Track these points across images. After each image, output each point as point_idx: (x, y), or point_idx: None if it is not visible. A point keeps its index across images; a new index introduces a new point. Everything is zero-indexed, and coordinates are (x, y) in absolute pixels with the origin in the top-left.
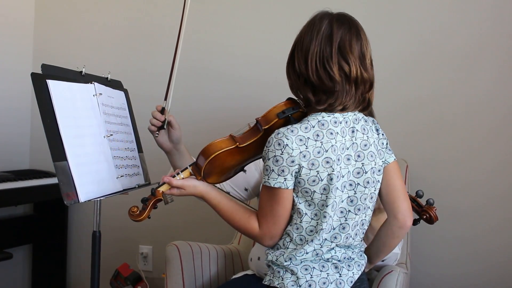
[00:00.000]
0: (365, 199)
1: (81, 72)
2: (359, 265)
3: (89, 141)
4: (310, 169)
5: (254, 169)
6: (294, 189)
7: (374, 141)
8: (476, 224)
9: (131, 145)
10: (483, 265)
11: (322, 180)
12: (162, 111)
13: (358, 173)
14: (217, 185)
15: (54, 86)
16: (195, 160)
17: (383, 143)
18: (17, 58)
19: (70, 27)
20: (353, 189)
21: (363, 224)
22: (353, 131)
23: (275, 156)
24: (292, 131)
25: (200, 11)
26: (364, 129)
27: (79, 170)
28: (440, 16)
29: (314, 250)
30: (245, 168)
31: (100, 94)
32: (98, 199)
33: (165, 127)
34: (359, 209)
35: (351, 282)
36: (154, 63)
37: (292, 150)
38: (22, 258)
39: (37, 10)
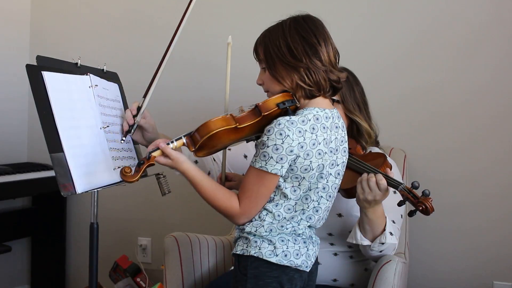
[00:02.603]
0: (335, 188)
1: (77, 63)
2: (317, 243)
3: (85, 132)
4: (304, 159)
5: (240, 153)
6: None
7: (346, 138)
8: (474, 216)
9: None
10: (480, 257)
11: (313, 169)
12: (138, 110)
13: (332, 164)
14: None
15: (50, 78)
16: (191, 131)
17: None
18: (14, 50)
19: (67, 19)
20: (326, 178)
21: (328, 210)
22: (336, 127)
23: (275, 144)
24: (292, 123)
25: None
26: (342, 126)
27: (75, 162)
28: (439, 7)
29: (293, 226)
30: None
31: (95, 85)
32: (95, 190)
33: (132, 131)
34: (330, 196)
35: (315, 256)
36: (150, 55)
37: (292, 141)
38: (21, 251)
39: (33, 1)
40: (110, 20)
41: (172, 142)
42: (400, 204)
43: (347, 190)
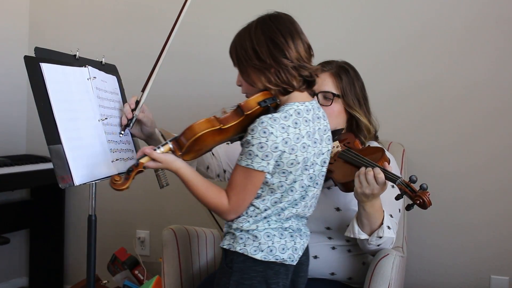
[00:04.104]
0: (322, 175)
1: (75, 55)
2: (306, 235)
3: (84, 124)
4: (290, 154)
5: (238, 148)
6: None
7: (329, 127)
8: (472, 210)
9: (123, 132)
10: (478, 251)
11: (299, 163)
12: (137, 104)
13: (318, 154)
14: (216, 162)
15: (48, 70)
16: (176, 136)
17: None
18: (13, 42)
19: (66, 11)
20: (312, 168)
21: (316, 198)
22: (318, 117)
23: (260, 142)
24: (274, 120)
25: None
26: (324, 115)
27: (73, 154)
28: (438, 1)
29: (279, 219)
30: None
31: (94, 77)
32: (93, 182)
33: (131, 125)
34: (317, 183)
35: (303, 249)
36: (149, 48)
37: (276, 137)
38: (19, 243)
39: None
40: (109, 13)
41: (158, 148)
42: (397, 198)
43: (345, 184)
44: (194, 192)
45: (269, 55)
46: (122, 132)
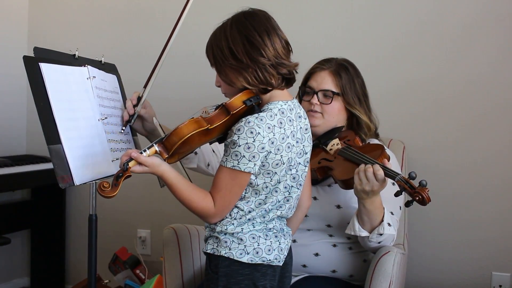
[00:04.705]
0: (304, 176)
1: (74, 55)
2: (289, 234)
3: (83, 124)
4: (275, 154)
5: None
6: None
7: (309, 125)
8: (473, 207)
9: (125, 128)
10: (479, 248)
11: (284, 163)
12: (138, 100)
13: (300, 153)
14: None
15: (47, 69)
16: (162, 138)
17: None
18: (12, 42)
19: (65, 10)
20: (295, 168)
21: (298, 198)
22: (299, 117)
23: (247, 143)
24: (261, 119)
25: None
26: (304, 114)
27: (73, 153)
28: (436, 2)
29: (263, 220)
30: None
31: (93, 77)
32: (94, 182)
33: (132, 121)
34: (300, 184)
35: (287, 249)
36: (148, 47)
37: (263, 137)
38: (20, 243)
39: None
40: (108, 12)
41: (144, 150)
42: (397, 194)
43: (345, 181)
44: (178, 196)
45: (245, 54)
46: (124, 128)
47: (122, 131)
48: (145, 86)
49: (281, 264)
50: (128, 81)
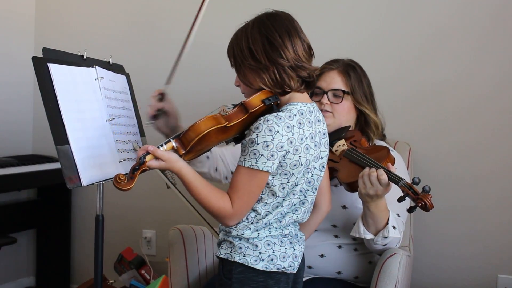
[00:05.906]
0: (320, 181)
1: (83, 56)
2: (303, 240)
3: (91, 125)
4: (294, 154)
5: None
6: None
7: (327, 131)
8: (478, 210)
9: (133, 129)
10: (484, 250)
11: (301, 165)
12: (162, 97)
13: (317, 158)
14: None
15: (56, 70)
16: (179, 134)
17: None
18: (19, 44)
19: (72, 12)
20: (311, 172)
21: (312, 203)
22: (318, 120)
23: (265, 141)
24: (280, 118)
25: None
26: (323, 119)
27: (81, 154)
28: (451, 6)
29: (280, 226)
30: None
31: (101, 78)
32: (101, 182)
33: (159, 118)
34: (315, 188)
35: (301, 255)
36: (156, 48)
37: (282, 136)
38: (26, 243)
39: None
40: (116, 13)
41: (161, 145)
42: (400, 200)
43: (350, 184)
44: (196, 195)
45: (264, 55)
46: (148, 122)
47: (146, 124)
48: (167, 83)
49: (295, 272)
50: (135, 81)
